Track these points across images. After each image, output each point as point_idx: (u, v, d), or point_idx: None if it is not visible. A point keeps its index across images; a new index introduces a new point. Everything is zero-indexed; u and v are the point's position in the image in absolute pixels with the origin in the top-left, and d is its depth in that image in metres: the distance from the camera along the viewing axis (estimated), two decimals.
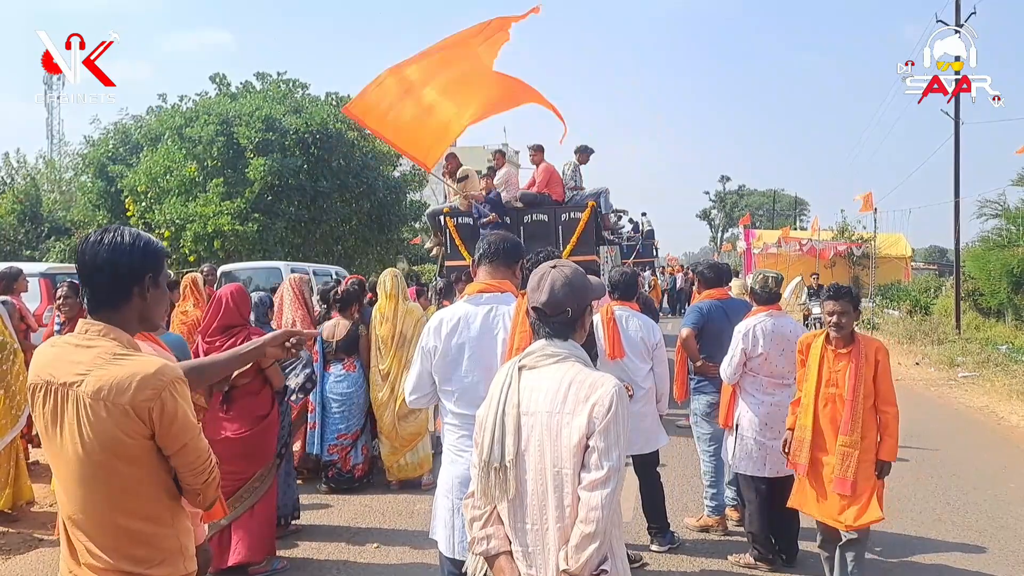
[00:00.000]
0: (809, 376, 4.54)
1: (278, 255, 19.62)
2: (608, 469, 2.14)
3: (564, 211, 11.04)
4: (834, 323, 4.42)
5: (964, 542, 5.67)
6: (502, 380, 2.36)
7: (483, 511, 2.34)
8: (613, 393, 2.19)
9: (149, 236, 2.22)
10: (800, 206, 75.65)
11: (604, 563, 2.17)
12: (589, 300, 2.46)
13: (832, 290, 4.48)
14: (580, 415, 2.17)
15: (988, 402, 11.42)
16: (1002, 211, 22.87)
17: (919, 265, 46.11)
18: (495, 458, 2.26)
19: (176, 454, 2.13)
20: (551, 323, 2.34)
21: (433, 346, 2.99)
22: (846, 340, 4.45)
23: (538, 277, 2.39)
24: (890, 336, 20.18)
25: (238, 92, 23.64)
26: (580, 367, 2.30)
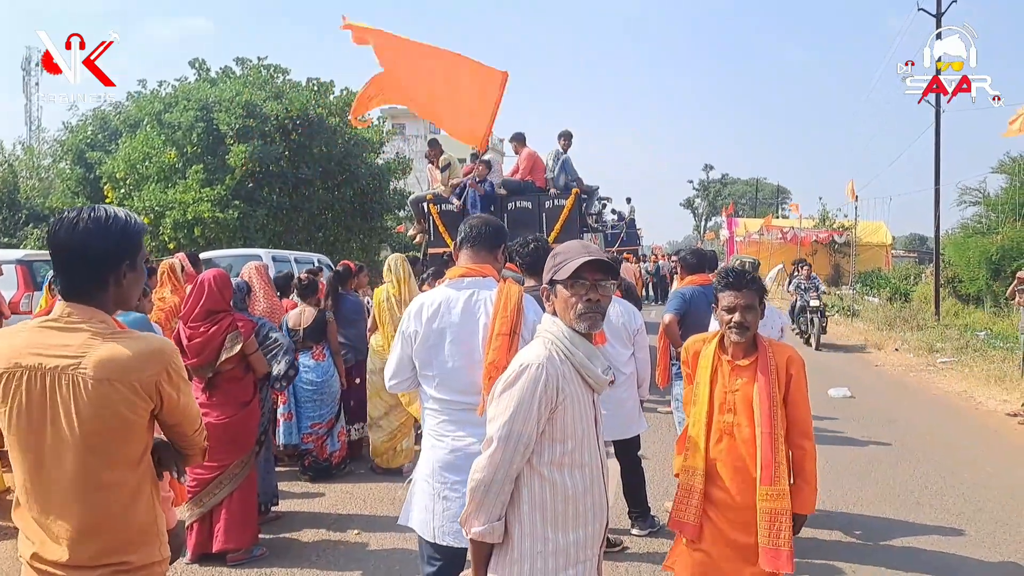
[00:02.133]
0: (698, 398, 3.34)
1: (259, 243, 19.47)
2: (490, 436, 2.23)
3: (548, 198, 11.03)
4: (734, 323, 3.24)
5: (942, 525, 5.73)
6: None
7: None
8: (517, 366, 2.26)
9: (127, 215, 2.14)
10: (782, 195, 75.98)
11: (486, 528, 2.22)
12: None
13: (731, 276, 3.32)
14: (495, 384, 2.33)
15: (966, 387, 11.54)
16: (982, 198, 23.10)
17: (899, 253, 46.55)
18: None
19: (183, 420, 2.20)
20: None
21: (414, 331, 2.96)
22: (747, 347, 3.31)
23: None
24: (870, 322, 20.34)
25: (217, 78, 23.38)
26: (536, 342, 2.36)
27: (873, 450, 7.89)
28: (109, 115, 25.16)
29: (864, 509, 6.07)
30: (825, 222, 38.31)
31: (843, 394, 10.47)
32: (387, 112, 46.30)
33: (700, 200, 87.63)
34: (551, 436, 2.24)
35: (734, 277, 3.28)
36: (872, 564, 4.95)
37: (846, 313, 22.79)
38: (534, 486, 2.23)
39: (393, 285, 6.69)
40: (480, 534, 2.23)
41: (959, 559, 5.09)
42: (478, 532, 2.23)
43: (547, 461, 2.24)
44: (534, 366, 2.22)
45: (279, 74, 23.54)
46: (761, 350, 3.29)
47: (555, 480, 2.24)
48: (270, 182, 21.40)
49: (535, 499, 2.23)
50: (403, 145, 39.36)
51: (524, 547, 2.23)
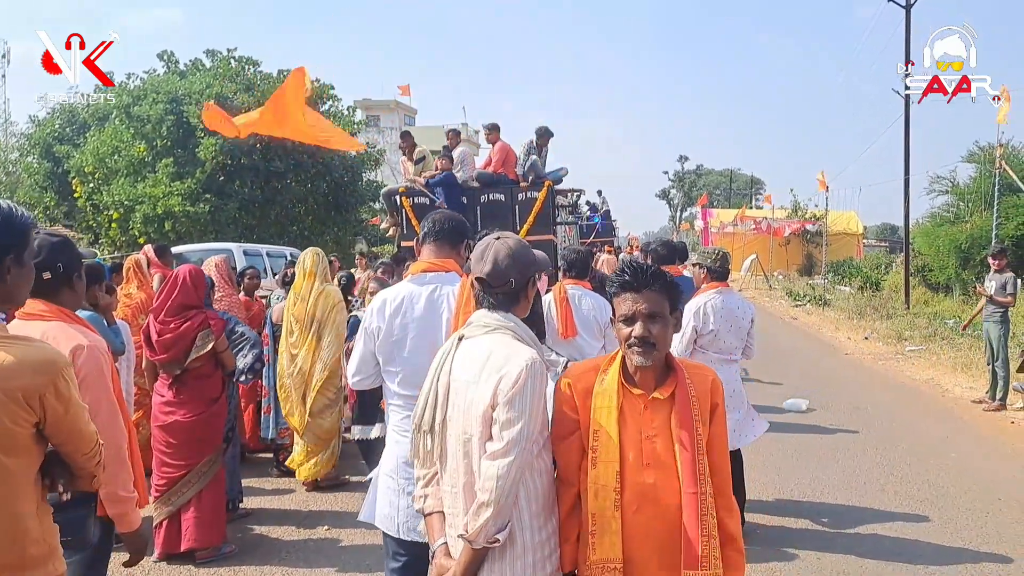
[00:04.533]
0: (600, 454, 2.30)
1: (231, 236, 19.30)
2: (508, 442, 2.15)
3: (521, 190, 11.03)
4: (635, 337, 2.31)
5: (906, 511, 5.82)
6: (444, 348, 2.44)
7: (427, 472, 2.43)
8: (523, 367, 2.20)
9: (10, 207, 2.02)
10: (756, 185, 76.55)
11: (501, 532, 2.19)
12: (532, 272, 2.47)
13: (627, 273, 2.38)
14: (488, 385, 2.21)
15: (933, 375, 11.73)
16: (952, 187, 23.39)
17: (871, 242, 47.17)
18: (425, 422, 2.37)
19: (68, 440, 2.06)
20: (494, 294, 2.37)
21: (377, 326, 2.96)
22: (660, 372, 2.39)
23: (482, 248, 2.40)
24: (840, 311, 20.59)
25: (187, 70, 23.12)
26: (506, 338, 2.31)
27: (840, 437, 8.00)
28: (77, 108, 24.78)
29: (829, 497, 6.15)
30: (797, 212, 38.69)
31: (800, 407, 9.22)
32: (361, 103, 46.08)
33: (675, 191, 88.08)
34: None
35: (631, 274, 2.36)
36: (837, 551, 5.03)
37: (817, 303, 23.04)
38: (526, 476, 2.25)
39: (299, 279, 6.16)
40: (496, 541, 2.18)
41: (922, 544, 5.18)
42: (496, 539, 2.17)
43: (539, 449, 2.29)
44: (535, 363, 2.22)
45: (249, 66, 23.32)
46: (676, 373, 2.37)
47: (543, 466, 2.32)
48: (241, 175, 21.24)
49: (529, 489, 2.26)
50: (377, 136, 39.14)
51: (525, 540, 2.25)
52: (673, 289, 2.39)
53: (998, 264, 9.55)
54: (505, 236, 2.44)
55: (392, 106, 52.39)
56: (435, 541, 2.37)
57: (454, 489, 2.30)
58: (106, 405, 2.66)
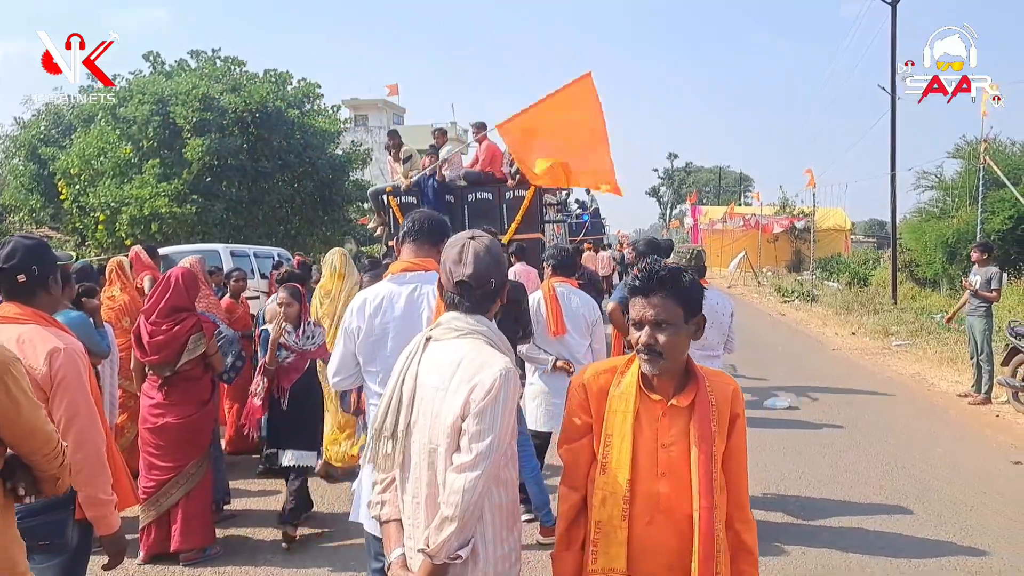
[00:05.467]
0: (611, 460, 2.22)
1: (218, 237, 19.22)
2: (476, 454, 2.08)
3: (508, 189, 11.02)
4: (642, 345, 2.20)
5: (891, 505, 5.85)
6: (409, 350, 2.36)
7: (384, 477, 2.34)
8: (498, 376, 2.12)
9: None
10: (745, 182, 76.81)
11: (464, 548, 2.11)
12: (506, 272, 2.44)
13: (639, 276, 2.24)
14: (458, 395, 2.13)
15: (919, 369, 11.80)
16: (938, 183, 23.54)
17: (859, 238, 47.34)
18: (387, 427, 2.26)
19: (24, 440, 1.98)
20: (473, 296, 2.28)
21: (357, 326, 2.95)
22: (680, 378, 2.28)
23: (458, 249, 2.31)
24: (828, 307, 20.68)
25: (173, 70, 23.00)
26: (480, 344, 2.23)
27: (826, 433, 8.04)
28: (63, 110, 24.62)
29: (815, 491, 6.18)
30: (785, 208, 38.84)
31: (784, 405, 9.21)
32: (348, 103, 45.96)
33: (665, 188, 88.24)
34: None
35: (641, 277, 2.22)
36: (822, 545, 5.06)
37: (805, 298, 23.14)
38: (492, 489, 2.18)
39: (327, 279, 6.46)
40: (459, 557, 2.12)
41: (906, 538, 5.21)
42: (459, 555, 2.11)
43: (506, 461, 2.23)
44: (509, 372, 2.15)
45: (235, 66, 23.23)
46: (697, 381, 2.24)
47: (509, 478, 2.26)
48: (229, 176, 21.14)
49: (494, 502, 2.20)
50: (366, 136, 39.03)
51: (488, 554, 2.19)
52: (689, 294, 2.22)
53: (980, 258, 9.61)
54: (479, 235, 2.36)
55: (380, 105, 52.25)
56: (392, 551, 2.28)
57: (415, 500, 2.22)
58: (84, 408, 2.65)
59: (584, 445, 2.31)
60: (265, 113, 21.29)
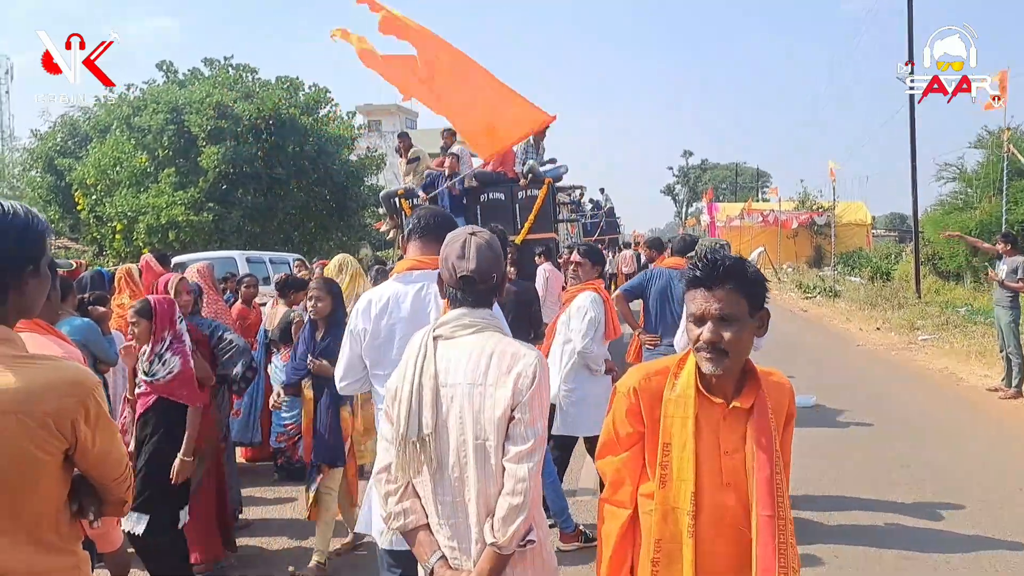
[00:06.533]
0: (675, 473, 2.04)
1: (235, 244, 19.26)
2: (534, 440, 2.12)
3: (521, 188, 10.90)
4: (703, 342, 2.02)
5: (923, 502, 5.66)
6: (416, 350, 2.29)
7: (398, 486, 2.27)
8: (535, 364, 2.17)
9: (27, 211, 1.82)
10: (762, 178, 76.27)
11: (530, 533, 2.16)
12: (505, 266, 2.45)
13: (700, 266, 2.05)
14: (504, 387, 2.14)
15: (947, 363, 11.55)
16: (959, 174, 23.16)
17: (880, 232, 46.86)
18: (412, 431, 2.20)
19: (98, 465, 1.87)
20: (476, 291, 2.29)
21: (362, 328, 2.83)
22: (739, 378, 2.10)
23: (459, 245, 2.31)
24: (851, 302, 20.38)
25: (186, 79, 23.10)
26: (500, 337, 2.26)
27: (854, 430, 7.83)
28: (79, 121, 24.81)
29: (845, 490, 5.99)
30: (805, 204, 38.46)
31: (810, 403, 8.81)
32: (361, 108, 46.08)
33: (680, 186, 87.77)
34: None
35: (704, 268, 2.03)
36: (855, 544, 4.88)
37: (828, 294, 22.84)
38: None
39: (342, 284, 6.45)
40: (533, 540, 2.18)
41: (940, 537, 5.03)
42: (531, 539, 2.17)
43: None
44: (542, 358, 2.21)
45: (247, 73, 23.31)
46: (755, 383, 2.09)
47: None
48: (244, 183, 21.21)
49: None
50: (379, 141, 39.07)
51: (542, 536, 2.25)
52: (754, 287, 2.05)
53: (1005, 249, 9.37)
54: (478, 231, 2.37)
55: (393, 110, 52.32)
56: (430, 556, 2.21)
57: (457, 499, 2.18)
58: None
59: (633, 457, 2.17)
60: (279, 120, 21.34)
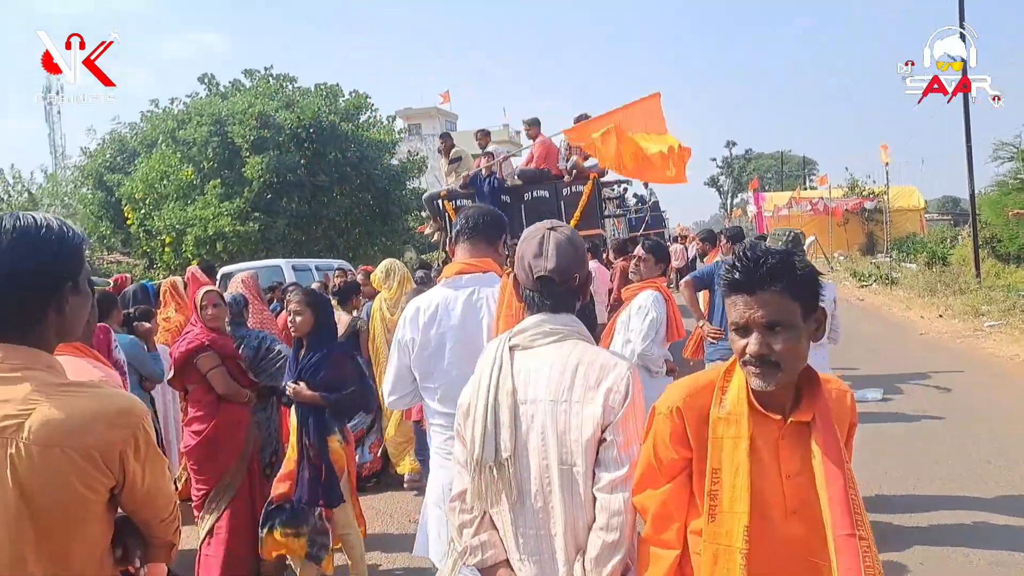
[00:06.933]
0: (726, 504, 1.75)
1: (281, 253, 19.36)
2: (629, 466, 1.87)
3: (565, 185, 10.71)
4: (751, 356, 1.73)
5: (1011, 496, 5.31)
6: (491, 362, 2.04)
7: (474, 515, 2.02)
8: (628, 377, 1.92)
9: (61, 224, 1.66)
10: (808, 166, 74.72)
11: (627, 574, 1.88)
12: (587, 266, 2.16)
13: (739, 267, 1.74)
14: (593, 403, 1.89)
15: (1019, 350, 10.99)
16: (1017, 152, 22.28)
17: (933, 216, 45.46)
18: (488, 455, 1.95)
19: (146, 505, 1.70)
20: (556, 294, 2.03)
21: (411, 338, 2.66)
22: (794, 392, 1.81)
23: (537, 241, 2.06)
24: (909, 289, 19.71)
25: (228, 91, 23.34)
26: (585, 346, 2.01)
27: (926, 424, 7.44)
28: (126, 137, 25.25)
29: (923, 489, 5.66)
30: (854, 190, 37.48)
31: (877, 397, 8.49)
32: (401, 112, 46.28)
33: (724, 177, 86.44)
34: None
35: (743, 269, 1.72)
36: (939, 545, 4.58)
37: (884, 281, 22.14)
38: None
39: (390, 290, 6.39)
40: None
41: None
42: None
43: None
44: (635, 372, 1.97)
45: (287, 82, 23.46)
46: (817, 390, 1.79)
47: None
48: (288, 192, 21.32)
49: None
50: (420, 144, 39.15)
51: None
52: (806, 286, 1.73)
53: None
54: (559, 226, 2.11)
55: (433, 113, 52.48)
56: None
57: (541, 531, 1.93)
58: None
59: (679, 487, 1.84)
60: (319, 127, 21.42)
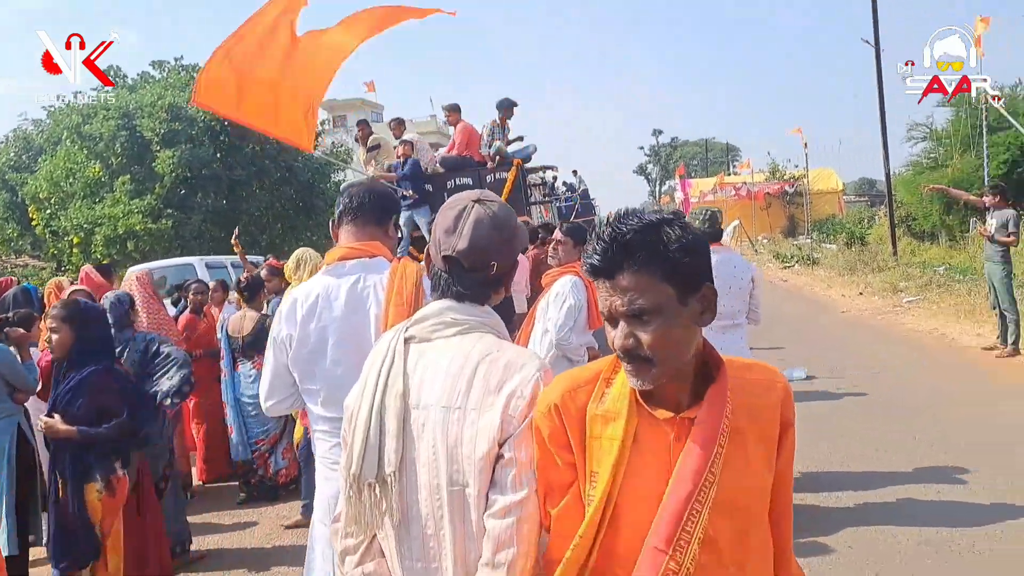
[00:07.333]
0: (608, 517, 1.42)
1: (199, 251, 18.61)
2: (528, 491, 1.50)
3: (488, 172, 10.45)
4: (620, 349, 1.38)
5: (939, 467, 5.34)
6: (381, 358, 1.69)
7: (359, 540, 1.67)
8: (537, 379, 1.56)
9: None
10: (732, 152, 76.25)
11: None
12: (518, 252, 1.85)
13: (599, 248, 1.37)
14: (491, 411, 1.54)
15: (937, 324, 11.23)
16: (930, 133, 22.98)
17: (851, 198, 46.84)
18: (369, 470, 1.60)
19: None
20: (467, 280, 1.70)
21: (287, 335, 2.34)
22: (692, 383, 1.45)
23: (454, 214, 1.72)
24: (830, 269, 20.13)
25: (136, 83, 22.34)
26: (493, 341, 1.67)
27: (849, 402, 7.45)
28: (31, 135, 23.99)
29: (850, 466, 5.61)
30: (776, 174, 38.31)
31: (802, 376, 8.43)
32: (326, 104, 45.24)
33: (652, 165, 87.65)
34: None
35: (599, 249, 1.37)
36: (868, 525, 4.50)
37: (806, 262, 22.60)
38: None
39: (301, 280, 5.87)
40: None
41: (958, 511, 4.64)
42: None
43: None
44: (548, 373, 1.60)
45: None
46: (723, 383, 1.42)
47: None
48: (203, 186, 20.54)
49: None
50: (345, 136, 38.35)
51: None
52: (681, 262, 1.35)
53: (994, 202, 9.05)
54: (488, 200, 1.76)
55: (358, 104, 51.47)
56: None
57: (432, 565, 1.58)
58: None
59: (570, 504, 1.48)
60: None
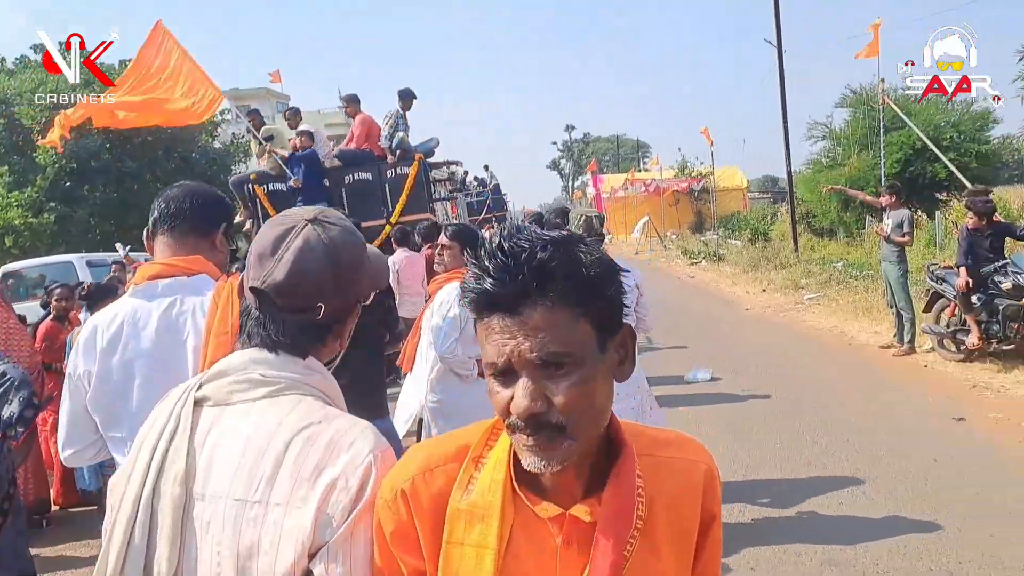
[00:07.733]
0: None
1: (87, 246, 17.47)
2: None
3: (389, 166, 10.03)
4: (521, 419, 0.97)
5: (840, 476, 5.20)
6: (160, 426, 1.27)
7: None
8: (370, 462, 1.15)
9: None
10: (642, 149, 77.52)
11: None
12: (363, 292, 1.41)
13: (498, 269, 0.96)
14: (303, 507, 1.13)
15: (836, 322, 11.41)
16: (828, 132, 23.65)
17: (755, 195, 48.15)
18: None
19: None
20: (283, 324, 1.28)
21: (84, 371, 1.91)
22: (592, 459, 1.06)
23: (277, 233, 1.31)
24: (735, 265, 20.44)
25: (15, 68, 20.83)
26: (315, 407, 1.24)
27: (753, 405, 7.36)
28: None
29: (754, 474, 5.48)
30: (684, 171, 38.97)
31: (706, 377, 8.38)
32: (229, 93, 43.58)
33: (565, 160, 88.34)
34: None
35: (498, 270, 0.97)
36: (772, 544, 4.32)
37: (712, 259, 22.93)
38: None
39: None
40: None
41: (862, 525, 4.53)
42: None
43: None
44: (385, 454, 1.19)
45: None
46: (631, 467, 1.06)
47: None
48: (91, 179, 19.31)
49: None
50: None
51: None
52: (601, 292, 1.00)
53: (891, 201, 9.17)
54: (327, 220, 1.33)
55: (263, 94, 49.79)
56: None
57: None
58: None
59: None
60: None
